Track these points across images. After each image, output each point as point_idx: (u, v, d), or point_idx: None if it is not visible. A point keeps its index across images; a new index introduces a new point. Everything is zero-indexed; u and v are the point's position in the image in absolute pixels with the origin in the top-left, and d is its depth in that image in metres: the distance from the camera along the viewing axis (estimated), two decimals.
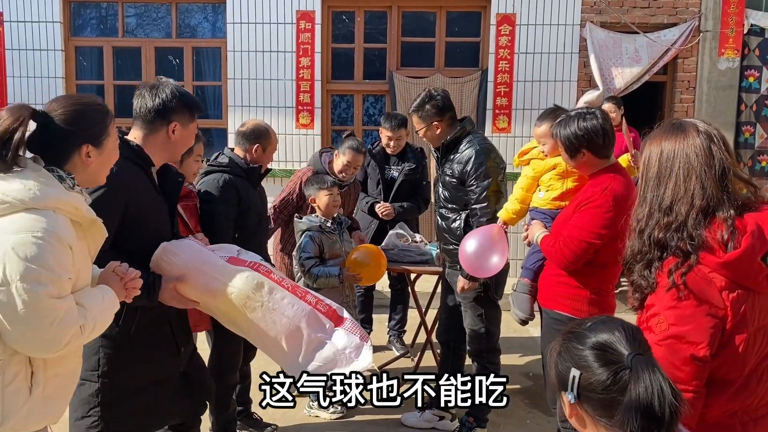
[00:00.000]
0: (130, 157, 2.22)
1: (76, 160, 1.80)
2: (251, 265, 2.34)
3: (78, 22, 7.07)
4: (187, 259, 2.25)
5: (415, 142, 5.51)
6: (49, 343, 1.66)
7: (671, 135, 1.64)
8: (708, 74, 6.73)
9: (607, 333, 1.28)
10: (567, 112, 3.15)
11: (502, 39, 6.69)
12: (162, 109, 2.29)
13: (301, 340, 2.27)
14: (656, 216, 1.60)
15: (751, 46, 6.74)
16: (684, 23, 6.63)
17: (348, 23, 6.98)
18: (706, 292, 1.52)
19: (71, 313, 1.69)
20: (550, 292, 2.84)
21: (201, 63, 7.10)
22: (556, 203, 3.11)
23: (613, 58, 6.54)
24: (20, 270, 1.58)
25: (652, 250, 1.60)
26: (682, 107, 6.82)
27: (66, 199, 1.70)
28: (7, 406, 1.67)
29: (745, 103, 6.83)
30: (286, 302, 2.28)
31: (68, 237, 1.69)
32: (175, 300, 2.25)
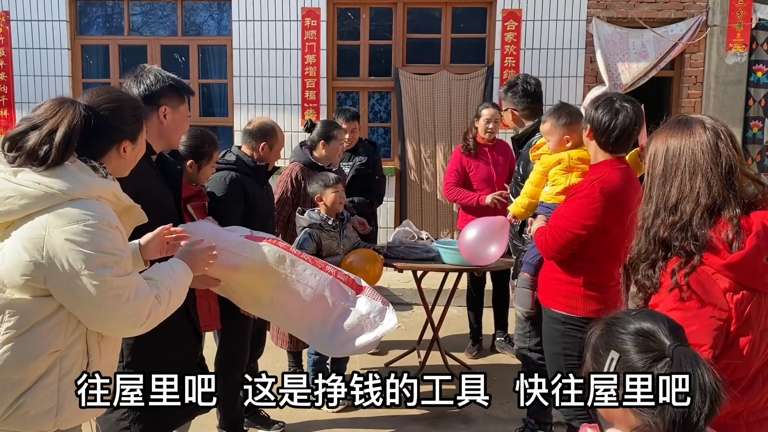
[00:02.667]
0: None
1: (113, 154, 1.84)
2: (269, 240, 2.39)
3: (84, 21, 7.09)
4: (207, 239, 2.23)
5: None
6: (132, 318, 1.74)
7: (677, 131, 1.62)
8: (716, 69, 6.69)
9: (650, 322, 1.30)
10: (565, 108, 3.18)
11: (508, 35, 6.67)
12: (149, 94, 2.28)
13: (326, 309, 2.33)
14: (662, 215, 1.58)
15: (759, 41, 6.69)
16: (691, 18, 6.59)
17: (353, 20, 6.97)
18: (710, 293, 1.50)
19: (142, 286, 1.77)
20: (547, 289, 2.84)
21: (207, 61, 7.10)
22: (560, 197, 3.08)
23: (620, 54, 6.51)
24: (83, 259, 1.63)
25: (656, 250, 1.58)
26: (689, 102, 6.78)
27: (107, 187, 1.76)
28: (62, 398, 1.70)
29: (753, 98, 6.78)
30: (308, 273, 2.33)
31: (116, 221, 1.75)
32: (198, 280, 2.18)
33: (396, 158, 7.01)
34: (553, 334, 2.78)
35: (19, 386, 1.66)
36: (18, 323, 1.65)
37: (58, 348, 1.70)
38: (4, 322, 1.65)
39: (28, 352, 1.66)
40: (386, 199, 6.90)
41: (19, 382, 1.66)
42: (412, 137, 6.86)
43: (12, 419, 1.66)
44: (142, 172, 2.18)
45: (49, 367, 1.69)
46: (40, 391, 1.68)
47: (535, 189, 3.26)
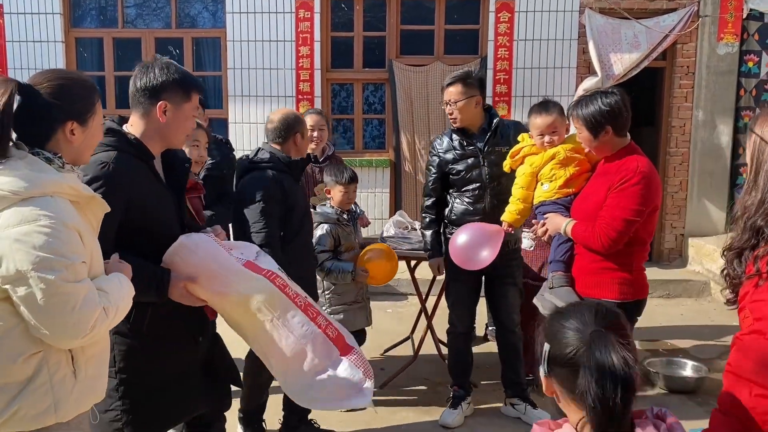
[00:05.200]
0: (127, 150, 2.11)
1: (60, 137, 1.72)
2: (267, 274, 2.21)
3: (78, 14, 7.08)
4: (202, 257, 2.16)
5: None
6: (76, 328, 1.64)
7: None
8: (707, 59, 6.73)
9: (580, 311, 1.34)
10: (557, 102, 3.22)
11: (501, 26, 6.69)
12: (150, 87, 2.12)
13: (303, 362, 2.19)
14: (766, 204, 1.47)
15: (750, 31, 6.73)
16: (683, 8, 6.62)
17: (347, 12, 6.99)
18: None
19: (92, 295, 1.67)
20: (592, 280, 2.84)
21: (201, 53, 7.11)
22: (563, 191, 3.08)
23: (612, 44, 6.54)
24: (32, 261, 1.56)
25: (750, 239, 1.49)
26: (681, 93, 6.83)
27: (61, 181, 1.66)
28: (57, 395, 1.69)
29: (745, 88, 6.83)
30: (296, 321, 2.18)
31: (73, 220, 1.66)
32: (184, 298, 2.17)
33: (390, 149, 7.05)
34: None
35: (7, 390, 1.64)
36: None
37: (39, 349, 1.66)
38: None
39: (6, 355, 1.62)
40: (381, 190, 6.98)
41: (6, 386, 1.64)
42: (407, 128, 6.90)
43: (11, 422, 1.66)
44: (137, 180, 2.11)
45: (36, 369, 1.66)
46: (34, 392, 1.66)
47: (526, 192, 3.19)
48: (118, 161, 2.04)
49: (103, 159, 2.04)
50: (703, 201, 6.93)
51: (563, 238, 2.95)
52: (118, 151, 2.08)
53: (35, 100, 1.67)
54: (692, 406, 3.86)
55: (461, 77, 3.50)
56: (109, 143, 2.09)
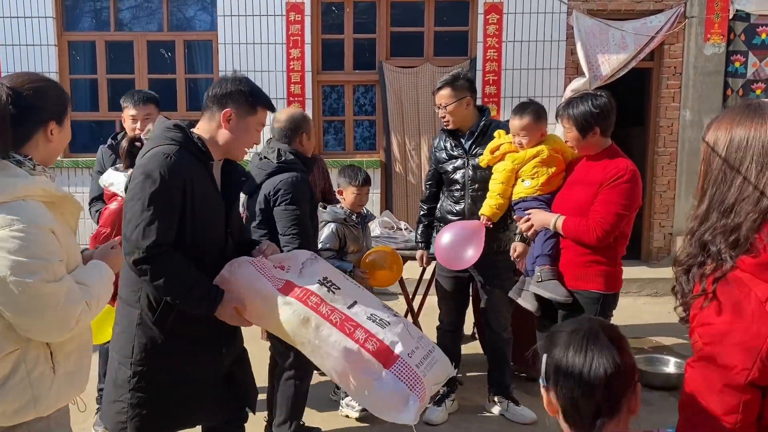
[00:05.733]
0: (189, 147, 2.15)
1: (39, 138, 1.77)
2: (301, 295, 2.19)
3: (70, 17, 7.13)
4: (244, 283, 2.20)
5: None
6: (60, 325, 1.70)
7: (746, 119, 1.35)
8: (694, 60, 6.80)
9: (576, 319, 1.37)
10: (539, 105, 3.28)
11: (490, 28, 6.76)
12: (219, 95, 2.19)
13: (349, 378, 2.14)
14: (713, 217, 1.34)
15: (736, 32, 6.80)
16: (670, 9, 6.68)
17: (337, 14, 7.05)
18: (743, 303, 1.24)
19: (73, 292, 1.72)
20: (580, 272, 2.98)
21: (193, 56, 7.16)
22: (545, 188, 3.20)
23: (600, 45, 6.61)
24: (9, 265, 1.60)
25: (697, 255, 1.36)
26: (668, 93, 6.89)
27: (32, 185, 1.69)
28: (36, 391, 1.74)
29: (732, 88, 6.90)
30: (332, 340, 2.12)
31: (46, 221, 1.69)
32: (234, 319, 2.20)
33: (381, 150, 7.11)
34: (591, 313, 2.95)
35: None
36: None
37: (16, 347, 1.70)
38: None
39: None
40: (372, 190, 7.01)
41: None
42: (397, 130, 6.96)
43: None
44: (194, 178, 2.12)
45: (14, 366, 1.71)
46: (12, 389, 1.70)
47: (506, 188, 3.28)
48: (180, 155, 2.09)
49: (166, 151, 2.10)
50: (690, 200, 6.99)
51: (549, 233, 3.04)
52: (180, 146, 2.12)
53: (19, 102, 1.71)
54: (673, 402, 3.92)
55: (450, 81, 3.55)
56: (174, 138, 2.14)
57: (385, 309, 2.28)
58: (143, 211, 2.05)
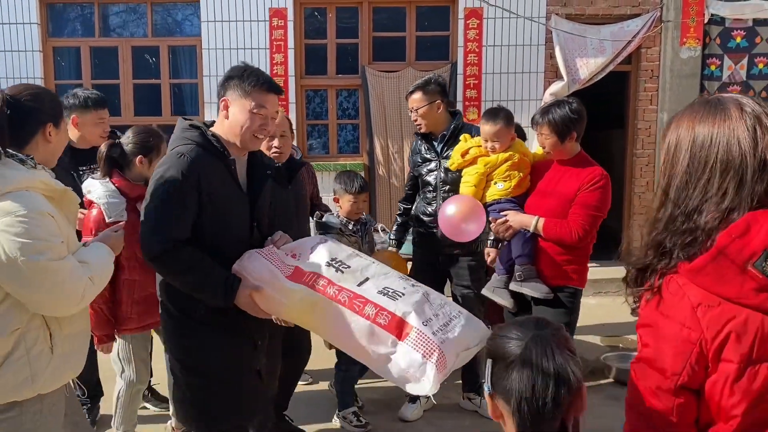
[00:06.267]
0: (205, 146, 2.17)
1: (39, 139, 2.00)
2: (308, 279, 2.19)
3: (55, 23, 7.18)
4: (255, 276, 2.23)
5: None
6: (68, 298, 1.90)
7: (708, 116, 1.28)
8: (671, 63, 6.91)
9: (520, 323, 1.35)
10: (508, 111, 3.37)
11: (470, 32, 6.86)
12: (218, 86, 2.21)
13: (368, 355, 2.12)
14: (678, 221, 1.27)
15: (711, 36, 6.93)
16: (646, 14, 6.81)
17: (320, 19, 7.13)
18: (677, 307, 1.23)
19: (76, 269, 1.93)
20: (558, 271, 3.14)
21: (177, 61, 7.23)
22: (517, 190, 3.31)
23: (578, 50, 6.72)
24: (18, 247, 1.80)
25: (654, 256, 1.31)
26: (646, 96, 7.01)
27: (33, 177, 1.90)
28: (34, 368, 1.91)
29: (708, 91, 7.01)
30: (341, 320, 2.11)
31: (46, 208, 1.90)
32: (249, 307, 2.22)
33: (364, 154, 7.19)
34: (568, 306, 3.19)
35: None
36: None
37: (18, 326, 1.88)
38: None
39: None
40: None
41: None
42: (380, 133, 7.04)
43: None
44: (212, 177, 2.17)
45: (15, 344, 1.88)
46: (11, 365, 1.87)
47: (477, 190, 3.34)
48: (195, 154, 2.12)
49: (181, 151, 2.15)
50: None
51: (527, 234, 3.15)
52: (197, 145, 2.15)
53: (19, 107, 1.94)
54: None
55: (421, 85, 3.65)
56: (190, 137, 2.18)
57: (402, 280, 2.22)
58: (156, 209, 2.13)
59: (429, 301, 2.14)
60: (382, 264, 2.32)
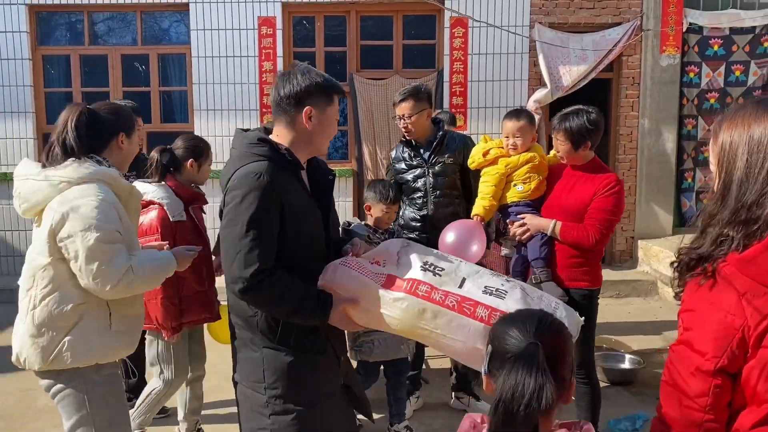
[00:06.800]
0: (278, 160, 2.06)
1: (113, 146, 2.37)
2: (409, 287, 2.08)
3: (44, 31, 7.23)
4: (346, 288, 2.12)
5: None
6: (106, 277, 2.18)
7: (763, 116, 1.35)
8: (651, 71, 7.11)
9: (524, 320, 1.41)
10: (530, 112, 3.46)
11: (456, 41, 7.00)
12: (294, 94, 2.07)
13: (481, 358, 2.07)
14: (742, 214, 1.33)
15: (690, 44, 7.13)
16: (627, 23, 6.99)
17: (308, 28, 7.25)
18: (723, 295, 1.30)
19: (121, 254, 2.23)
20: (573, 273, 3.19)
21: (167, 69, 7.30)
22: (535, 193, 3.35)
23: (561, 57, 6.88)
24: (79, 225, 2.16)
25: (715, 249, 1.36)
26: (627, 102, 7.19)
27: (106, 171, 2.27)
28: (94, 340, 2.25)
29: (687, 98, 7.22)
30: (455, 325, 2.01)
31: (112, 199, 2.25)
32: (343, 322, 2.14)
33: (353, 160, 7.30)
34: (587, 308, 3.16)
35: (60, 333, 2.22)
36: (48, 283, 2.22)
37: (83, 301, 2.23)
38: (38, 283, 2.23)
39: (60, 304, 2.22)
40: (344, 199, 7.20)
41: (60, 330, 2.22)
42: (368, 139, 7.16)
43: (57, 360, 2.23)
44: (289, 190, 2.07)
45: (80, 317, 2.24)
46: (76, 334, 2.23)
47: (497, 190, 3.38)
48: (271, 171, 2.00)
49: (257, 170, 2.00)
50: (651, 205, 7.29)
51: (544, 237, 3.22)
52: (269, 161, 2.04)
53: (98, 117, 2.34)
54: (627, 396, 4.15)
55: (412, 93, 3.70)
56: (261, 153, 2.05)
57: (496, 276, 2.18)
58: (241, 238, 1.98)
59: (529, 295, 2.10)
60: (467, 262, 2.27)
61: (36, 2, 6.94)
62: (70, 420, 2.29)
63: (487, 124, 7.01)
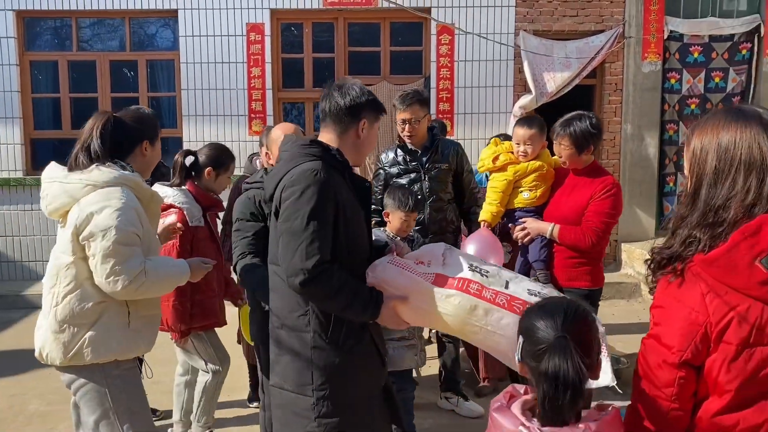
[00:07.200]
0: (330, 161, 2.16)
1: (137, 152, 2.47)
2: (460, 285, 2.14)
3: (32, 37, 7.23)
4: (395, 285, 2.17)
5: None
6: (119, 277, 2.27)
7: (731, 123, 1.44)
8: (633, 77, 7.25)
9: (552, 313, 1.49)
10: (542, 120, 3.49)
11: (442, 48, 7.10)
12: (353, 106, 2.22)
13: None
14: (709, 217, 1.42)
15: (671, 51, 7.29)
16: (609, 30, 7.13)
17: (296, 34, 7.31)
18: (689, 293, 1.40)
19: (136, 256, 2.32)
20: (571, 273, 3.28)
21: (155, 75, 7.33)
22: (540, 200, 3.44)
23: (546, 64, 7.00)
24: (101, 225, 2.26)
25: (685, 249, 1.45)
26: (610, 108, 7.33)
27: (130, 176, 2.37)
28: (114, 336, 2.35)
29: (668, 103, 7.38)
30: (504, 323, 2.06)
31: (134, 202, 2.35)
32: (392, 320, 2.19)
33: None
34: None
35: (81, 329, 2.32)
36: (71, 281, 2.31)
37: (103, 300, 2.33)
38: (61, 281, 2.32)
39: (82, 302, 2.32)
40: None
41: (81, 326, 2.32)
42: None
43: (78, 356, 2.32)
44: (340, 190, 2.15)
45: (100, 314, 2.34)
46: (97, 330, 2.33)
47: (504, 197, 3.45)
48: (326, 169, 2.10)
49: (313, 167, 2.09)
50: (634, 209, 7.42)
51: (544, 240, 3.32)
52: (323, 160, 2.14)
53: (123, 124, 2.44)
54: (609, 394, 4.23)
55: (418, 97, 3.70)
56: (314, 153, 2.16)
57: (533, 282, 2.28)
58: (303, 230, 2.04)
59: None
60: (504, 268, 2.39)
61: (24, 8, 6.94)
62: (93, 414, 2.39)
63: (474, 129, 7.11)
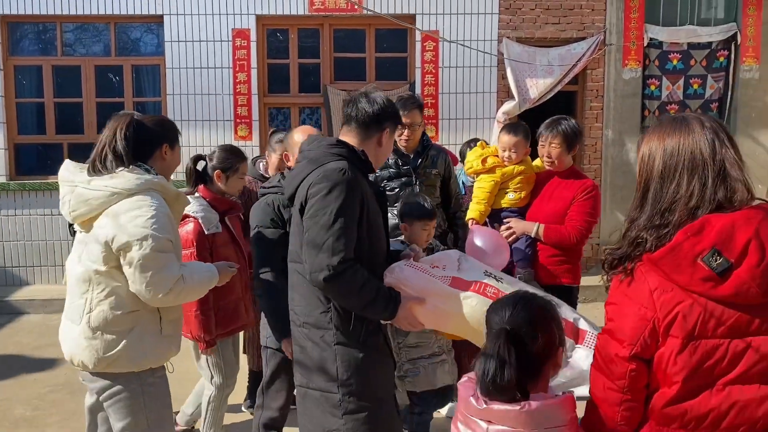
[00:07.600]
0: (354, 161, 2.20)
1: (157, 155, 2.43)
2: (478, 288, 2.19)
3: (16, 41, 7.21)
4: (413, 286, 2.20)
5: None
6: (157, 286, 2.25)
7: (675, 131, 1.54)
8: (614, 84, 7.38)
9: (503, 307, 1.66)
10: (527, 127, 3.64)
11: (427, 54, 7.18)
12: (380, 113, 2.28)
13: None
14: (654, 219, 1.51)
15: (651, 58, 7.42)
16: (591, 37, 7.25)
17: (282, 40, 7.35)
18: (639, 290, 1.48)
19: (173, 264, 2.31)
20: (554, 270, 3.42)
21: (141, 80, 7.33)
22: (523, 202, 3.61)
23: (528, 71, 7.11)
24: (135, 234, 2.22)
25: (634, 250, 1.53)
26: (592, 114, 7.45)
27: (156, 180, 2.34)
28: (148, 344, 2.35)
29: (648, 109, 7.51)
30: None
31: (165, 208, 2.33)
32: (408, 321, 2.22)
33: None
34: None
35: (117, 338, 2.30)
36: (105, 288, 2.29)
37: (137, 308, 2.32)
38: (95, 288, 2.30)
39: (116, 309, 2.29)
40: None
41: (115, 333, 2.30)
42: None
43: (116, 363, 2.32)
44: (364, 189, 2.20)
45: (134, 323, 2.32)
46: (131, 338, 2.31)
47: (491, 197, 3.61)
48: (352, 169, 2.15)
49: (340, 166, 2.14)
50: (615, 213, 7.54)
51: (528, 239, 3.46)
52: (348, 160, 2.18)
53: (144, 127, 2.41)
54: None
55: (419, 103, 3.74)
56: (340, 153, 2.20)
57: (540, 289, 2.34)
58: (329, 227, 2.06)
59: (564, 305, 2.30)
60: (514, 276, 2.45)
61: (8, 12, 6.92)
62: (122, 421, 2.38)
63: (458, 134, 7.19)
